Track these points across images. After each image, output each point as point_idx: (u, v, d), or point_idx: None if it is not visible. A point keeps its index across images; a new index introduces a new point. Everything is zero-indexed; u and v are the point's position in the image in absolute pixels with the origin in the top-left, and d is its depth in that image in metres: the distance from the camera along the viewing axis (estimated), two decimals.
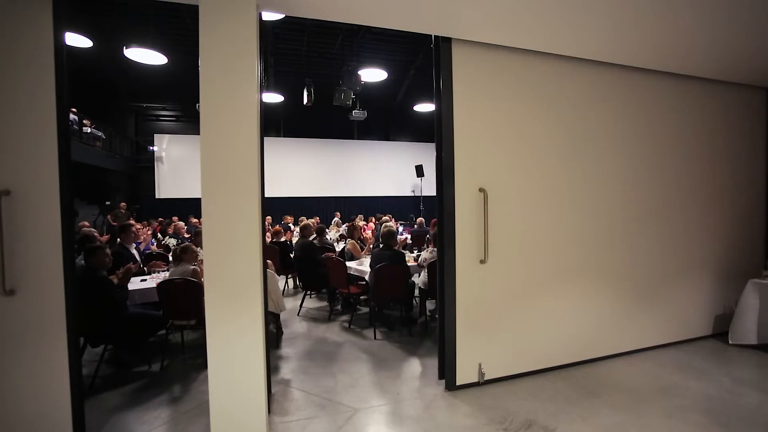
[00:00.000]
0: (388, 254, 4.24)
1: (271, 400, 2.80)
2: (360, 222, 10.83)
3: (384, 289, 4.16)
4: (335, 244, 6.56)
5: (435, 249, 4.46)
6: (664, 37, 3.02)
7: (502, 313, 3.15)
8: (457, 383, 2.99)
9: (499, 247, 3.08)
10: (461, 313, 2.99)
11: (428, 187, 15.95)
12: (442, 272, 2.97)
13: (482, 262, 2.99)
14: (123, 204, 11.01)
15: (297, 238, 5.89)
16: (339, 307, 5.27)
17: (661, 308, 3.83)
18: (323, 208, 15.71)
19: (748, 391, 2.94)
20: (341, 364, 3.47)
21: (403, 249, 5.69)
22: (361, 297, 4.72)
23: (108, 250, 3.22)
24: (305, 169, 15.76)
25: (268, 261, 3.92)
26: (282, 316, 4.60)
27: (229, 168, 2.12)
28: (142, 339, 3.34)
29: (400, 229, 9.82)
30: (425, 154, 16.94)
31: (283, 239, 6.50)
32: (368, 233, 9.33)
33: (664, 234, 3.83)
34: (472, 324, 3.03)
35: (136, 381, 3.12)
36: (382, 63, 10.40)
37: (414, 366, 3.43)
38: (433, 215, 4.82)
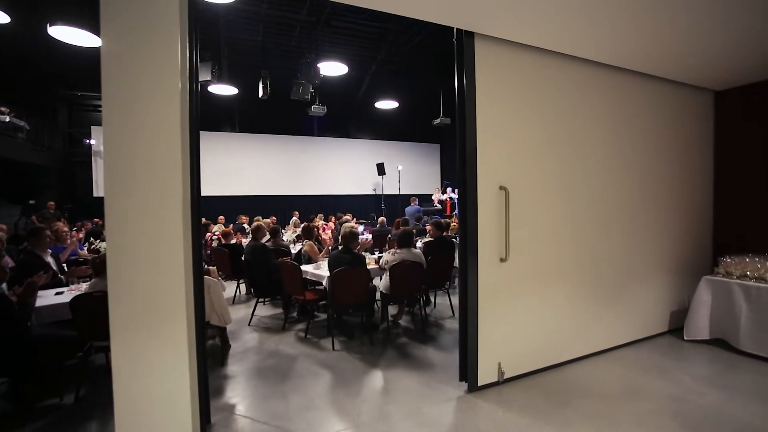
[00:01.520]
0: (347, 257, 3.93)
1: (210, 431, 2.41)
2: (319, 221, 10.42)
3: (343, 296, 3.84)
4: (291, 245, 6.15)
5: (398, 250, 4.23)
6: (644, 37, 3.03)
7: (519, 312, 3.17)
8: (479, 384, 2.96)
9: (518, 245, 3.08)
10: (483, 311, 2.96)
11: (389, 186, 15.78)
12: (465, 271, 2.92)
13: (503, 260, 2.98)
14: (51, 203, 9.85)
15: (249, 240, 5.42)
16: (295, 314, 4.89)
17: (625, 307, 3.82)
18: (281, 207, 15.07)
19: (708, 389, 2.94)
20: (295, 382, 3.12)
21: (365, 251, 5.40)
22: (319, 303, 4.38)
23: (5, 261, 2.66)
24: (262, 166, 15.05)
25: (211, 268, 3.48)
26: (230, 327, 4.16)
27: (142, 165, 1.73)
28: (50, 365, 2.80)
29: (361, 228, 9.52)
30: (387, 152, 16.77)
31: (234, 241, 5.99)
32: (327, 233, 8.96)
33: (630, 232, 3.84)
34: (493, 323, 3.02)
35: (39, 419, 2.58)
36: (342, 58, 10.01)
37: (376, 380, 3.15)
38: (396, 214, 4.66)
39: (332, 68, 9.90)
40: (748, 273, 3.62)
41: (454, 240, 5.90)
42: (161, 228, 1.71)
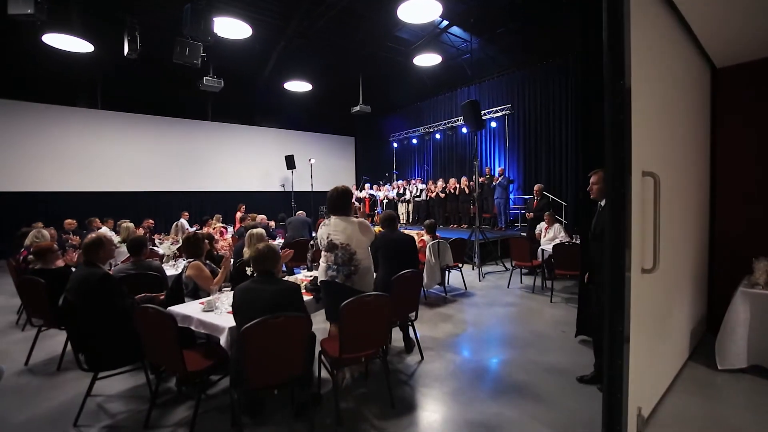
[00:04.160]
0: (268, 291, 2.17)
1: None
2: (216, 224, 8.13)
3: (261, 370, 2.08)
4: (169, 265, 4.05)
5: (333, 218, 2.69)
6: None
7: (654, 339, 2.39)
8: None
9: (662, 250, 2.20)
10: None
11: (300, 182, 13.81)
12: (619, 290, 1.95)
13: (647, 270, 2.09)
14: None
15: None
16: (173, 384, 2.92)
17: (666, 331, 2.82)
18: (165, 206, 12.06)
19: None
20: None
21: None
22: (214, 374, 2.53)
23: None
24: (137, 154, 11.79)
25: None
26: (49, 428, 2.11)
27: None
28: None
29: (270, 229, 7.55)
30: (296, 144, 14.75)
31: (62, 264, 3.64)
32: (227, 240, 6.81)
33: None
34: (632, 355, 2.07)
35: None
36: (243, 18, 7.85)
37: None
38: (308, 215, 3.14)
39: (230, 27, 7.72)
40: None
41: (411, 237, 4.26)
42: None
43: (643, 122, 2.07)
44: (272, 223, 8.25)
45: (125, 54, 7.27)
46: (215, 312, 2.54)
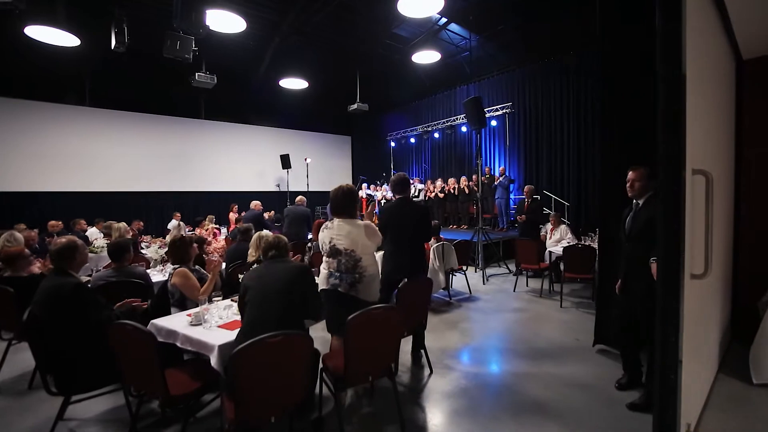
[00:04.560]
0: (280, 268, 1.90)
1: None
2: (209, 226, 7.81)
3: (259, 399, 1.80)
4: (157, 270, 3.75)
5: (335, 221, 2.44)
6: None
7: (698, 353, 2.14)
8: None
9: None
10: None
11: (296, 181, 13.52)
12: (674, 299, 1.72)
13: (697, 276, 1.84)
14: None
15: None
16: (157, 406, 2.63)
17: (704, 341, 2.58)
18: (156, 207, 11.70)
19: None
20: None
21: None
22: (202, 395, 2.24)
23: None
24: (128, 153, 11.41)
25: None
26: None
27: None
28: None
29: (265, 232, 7.24)
30: (292, 143, 14.45)
31: (37, 271, 3.33)
32: (220, 242, 6.51)
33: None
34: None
35: None
36: (237, 10, 7.54)
37: None
38: None
39: (223, 21, 7.40)
40: None
41: (425, 207, 3.82)
42: None
43: (692, 116, 1.83)
44: (270, 214, 7.97)
45: (113, 48, 6.92)
46: (204, 326, 2.25)
